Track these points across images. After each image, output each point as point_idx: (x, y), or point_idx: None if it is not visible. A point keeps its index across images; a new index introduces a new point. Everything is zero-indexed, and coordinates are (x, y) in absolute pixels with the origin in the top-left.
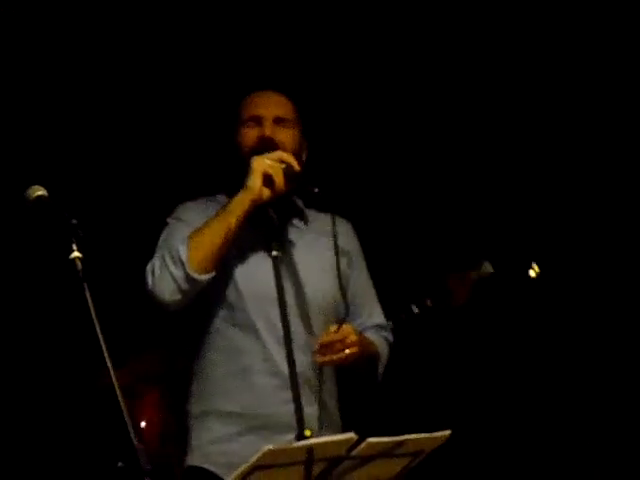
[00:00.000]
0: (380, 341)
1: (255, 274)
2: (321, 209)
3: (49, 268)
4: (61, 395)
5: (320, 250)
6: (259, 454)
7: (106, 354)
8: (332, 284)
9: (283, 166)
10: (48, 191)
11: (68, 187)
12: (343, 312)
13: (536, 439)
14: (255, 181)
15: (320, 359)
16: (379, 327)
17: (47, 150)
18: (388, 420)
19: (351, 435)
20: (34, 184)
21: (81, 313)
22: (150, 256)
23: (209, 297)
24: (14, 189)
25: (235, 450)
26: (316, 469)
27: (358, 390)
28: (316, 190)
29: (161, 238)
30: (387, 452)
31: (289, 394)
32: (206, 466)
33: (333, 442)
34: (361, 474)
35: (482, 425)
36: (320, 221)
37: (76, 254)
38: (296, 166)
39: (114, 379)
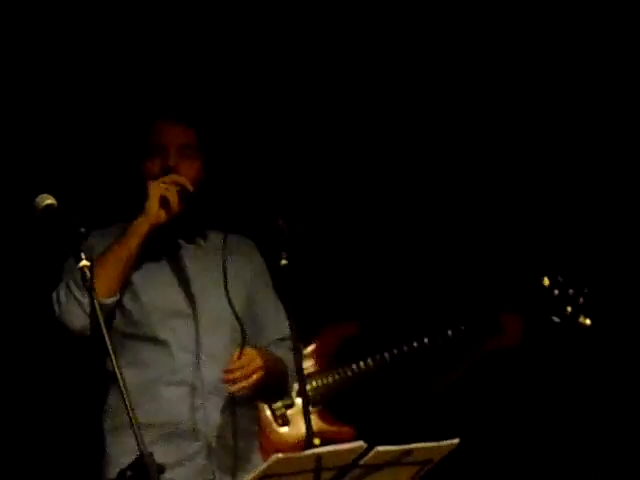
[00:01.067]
0: (285, 354)
1: (159, 289)
2: (222, 229)
3: (58, 276)
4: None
5: (215, 268)
6: (268, 462)
7: (114, 361)
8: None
9: (177, 188)
10: (57, 200)
11: (77, 196)
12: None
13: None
14: (152, 205)
15: (231, 389)
16: (282, 340)
17: (56, 159)
18: (397, 429)
19: (360, 443)
20: (43, 193)
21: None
22: None
23: (113, 316)
24: (23, 198)
25: None
26: (325, 477)
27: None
28: (211, 211)
29: (65, 267)
30: (395, 461)
31: (197, 401)
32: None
33: (342, 450)
34: None
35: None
36: (217, 241)
37: (84, 263)
38: (189, 187)
39: (122, 385)
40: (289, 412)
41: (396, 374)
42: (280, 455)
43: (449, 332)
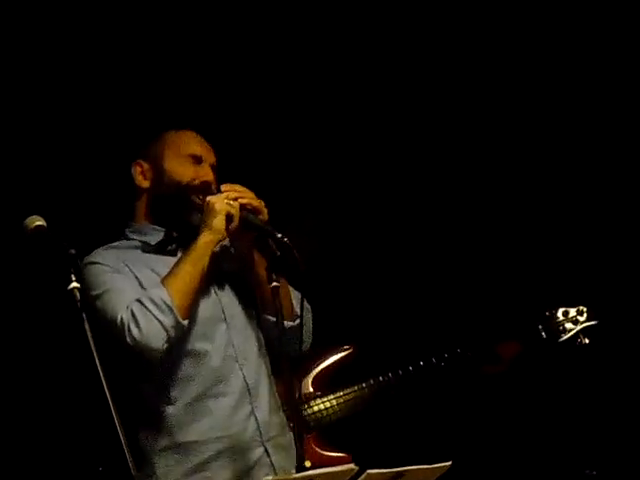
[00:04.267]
0: None
1: (201, 299)
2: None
3: (48, 299)
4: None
5: (227, 268)
6: None
7: (105, 384)
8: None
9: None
10: (47, 221)
11: (66, 217)
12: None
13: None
14: (220, 221)
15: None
16: None
17: (46, 180)
18: (393, 453)
19: (351, 466)
20: (33, 214)
21: (79, 343)
22: None
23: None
24: (13, 219)
25: (211, 477)
26: None
27: None
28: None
29: (105, 289)
30: None
31: (247, 408)
32: None
33: (333, 473)
34: None
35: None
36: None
37: (74, 284)
38: (255, 202)
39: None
40: None
41: (392, 398)
42: (270, 478)
43: (445, 355)
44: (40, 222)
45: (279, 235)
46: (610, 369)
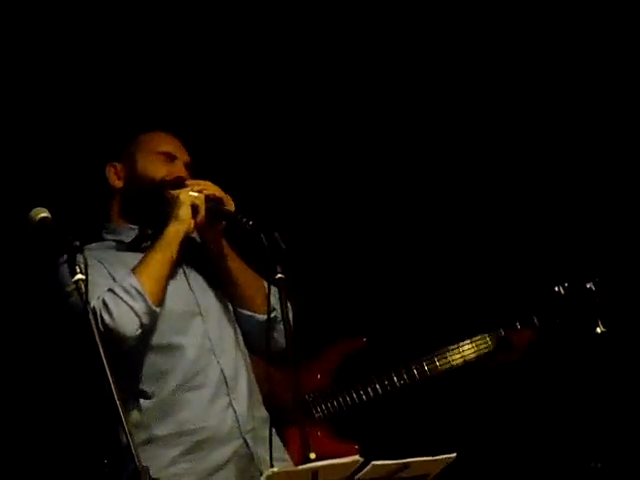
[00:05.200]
0: None
1: (174, 292)
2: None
3: (52, 291)
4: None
5: (196, 261)
6: (264, 477)
7: (111, 379)
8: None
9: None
10: (51, 213)
11: (71, 209)
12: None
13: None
14: (185, 212)
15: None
16: None
17: (51, 172)
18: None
19: (356, 458)
20: (37, 206)
21: (83, 334)
22: None
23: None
24: (18, 211)
25: (186, 470)
26: None
27: None
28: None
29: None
30: (392, 475)
31: (225, 400)
32: None
33: (338, 465)
34: None
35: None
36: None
37: (79, 276)
38: (220, 193)
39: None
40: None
41: (403, 394)
42: (275, 469)
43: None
44: (45, 214)
45: (245, 220)
46: (615, 360)
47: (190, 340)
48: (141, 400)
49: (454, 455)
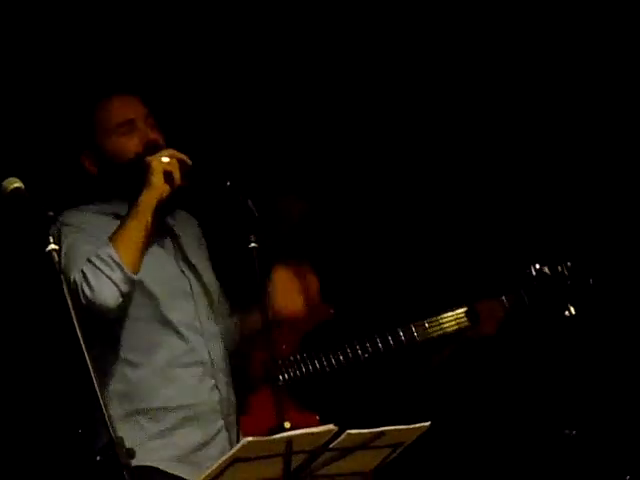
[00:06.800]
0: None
1: (160, 267)
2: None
3: (25, 261)
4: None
5: (196, 242)
6: (238, 446)
7: (83, 346)
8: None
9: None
10: (24, 183)
11: (45, 179)
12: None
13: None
14: (157, 179)
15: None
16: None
17: (23, 142)
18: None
19: (331, 427)
20: (10, 176)
21: (57, 305)
22: None
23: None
24: None
25: (176, 442)
26: (295, 461)
27: None
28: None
29: (67, 248)
30: (367, 444)
31: (212, 381)
32: (155, 464)
33: (312, 434)
34: (341, 466)
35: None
36: (182, 218)
37: (52, 246)
38: (188, 161)
39: (91, 370)
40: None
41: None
42: (250, 439)
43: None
44: (18, 184)
45: (224, 181)
46: (588, 329)
47: (182, 318)
48: (128, 370)
49: (428, 424)
